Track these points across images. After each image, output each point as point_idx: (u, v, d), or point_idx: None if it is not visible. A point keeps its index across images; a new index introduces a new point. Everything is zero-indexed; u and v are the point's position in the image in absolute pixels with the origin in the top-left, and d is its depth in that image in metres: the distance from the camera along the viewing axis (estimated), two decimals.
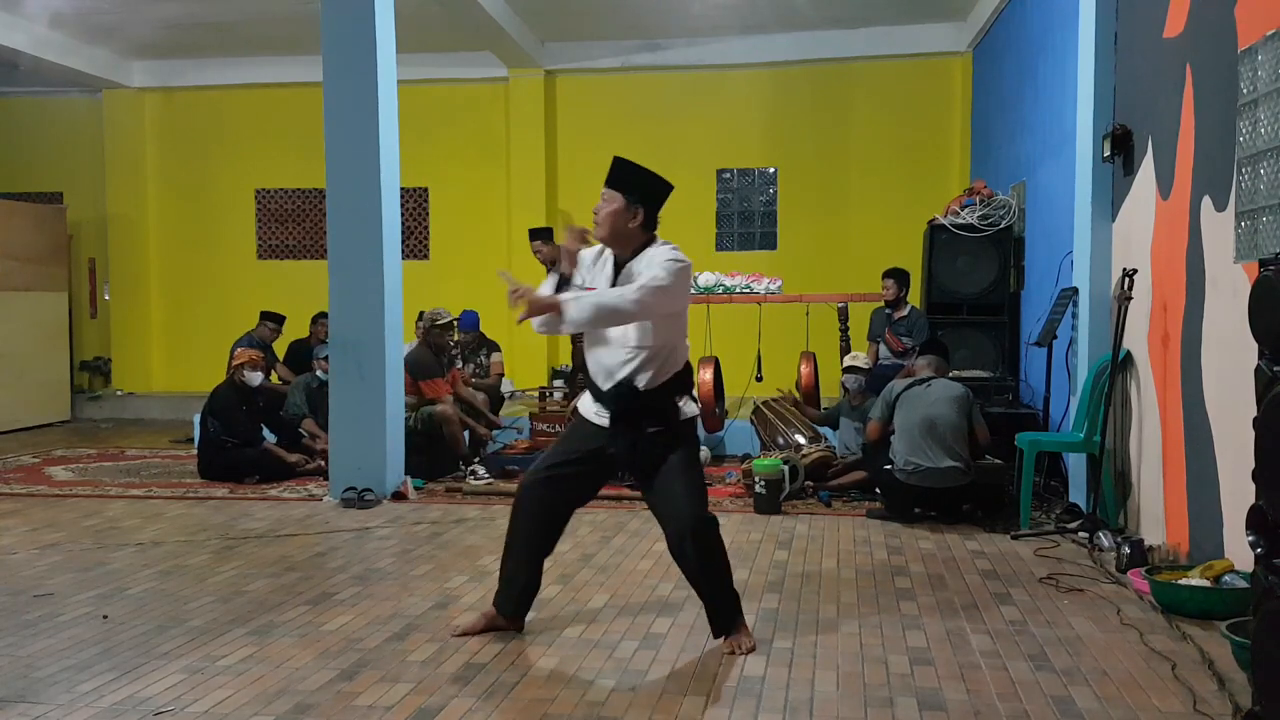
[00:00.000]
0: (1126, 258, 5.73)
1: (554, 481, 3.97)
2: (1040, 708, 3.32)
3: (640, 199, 3.78)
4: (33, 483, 7.65)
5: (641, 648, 3.91)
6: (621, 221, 3.78)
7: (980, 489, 6.11)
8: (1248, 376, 3.15)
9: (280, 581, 4.86)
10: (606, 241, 3.86)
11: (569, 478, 3.98)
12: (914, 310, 8.11)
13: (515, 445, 8.39)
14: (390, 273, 6.92)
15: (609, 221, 3.79)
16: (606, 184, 3.82)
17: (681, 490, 3.82)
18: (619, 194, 3.78)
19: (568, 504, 4.06)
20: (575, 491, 4.05)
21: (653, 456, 3.85)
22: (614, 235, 3.81)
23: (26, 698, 3.42)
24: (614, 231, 3.80)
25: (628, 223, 3.78)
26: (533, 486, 3.99)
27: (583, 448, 3.97)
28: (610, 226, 3.79)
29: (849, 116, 11.55)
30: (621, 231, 3.79)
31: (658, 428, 3.80)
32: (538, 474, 4.01)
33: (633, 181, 3.80)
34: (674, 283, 3.69)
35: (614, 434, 3.85)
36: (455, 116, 12.04)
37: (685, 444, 3.89)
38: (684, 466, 3.84)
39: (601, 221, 3.81)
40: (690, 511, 3.80)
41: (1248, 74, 4.17)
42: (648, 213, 3.79)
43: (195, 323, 12.60)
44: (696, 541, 3.81)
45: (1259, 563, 2.96)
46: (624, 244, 3.82)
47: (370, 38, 6.79)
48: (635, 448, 3.82)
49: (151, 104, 12.65)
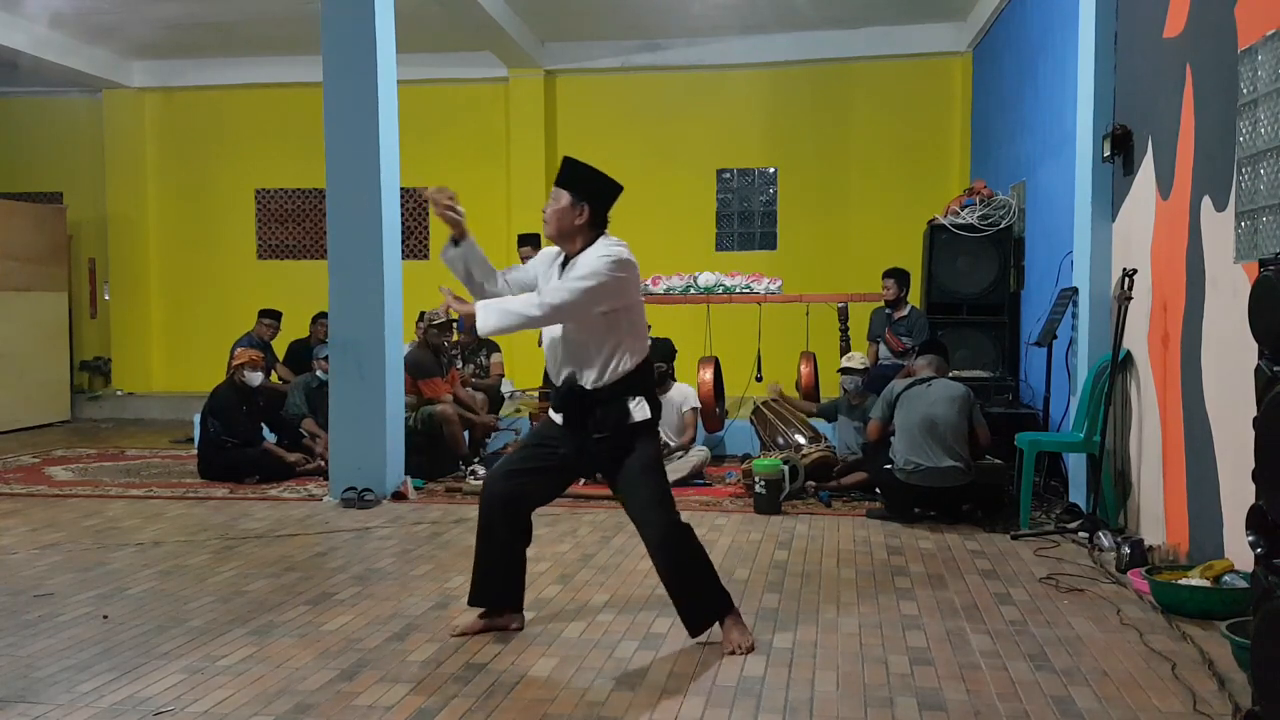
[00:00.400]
0: (1126, 258, 5.73)
1: (514, 476, 3.99)
2: (1040, 708, 3.32)
3: (585, 196, 3.81)
4: (33, 483, 7.65)
5: (641, 648, 3.91)
6: (568, 219, 3.81)
7: (980, 489, 6.11)
8: (1248, 376, 3.15)
9: (280, 581, 4.86)
10: (555, 239, 3.90)
11: (529, 472, 3.98)
12: (914, 310, 8.11)
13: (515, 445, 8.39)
14: (390, 273, 6.92)
15: (555, 219, 3.84)
16: (555, 183, 3.88)
17: (646, 497, 3.83)
18: (565, 192, 3.83)
19: (529, 500, 4.04)
20: (537, 488, 4.03)
21: (601, 460, 3.88)
22: (560, 233, 3.85)
23: (26, 698, 3.42)
24: (560, 229, 3.84)
25: (573, 220, 3.81)
26: (493, 482, 4.02)
27: (543, 446, 4.00)
28: (556, 224, 3.84)
29: (849, 116, 11.55)
30: (567, 229, 3.83)
31: (602, 434, 3.80)
32: (499, 470, 4.05)
33: (579, 180, 3.85)
34: (603, 280, 3.70)
35: (564, 434, 3.89)
36: (455, 116, 12.04)
37: (642, 446, 3.86)
38: (643, 471, 3.84)
39: (549, 219, 3.86)
40: (658, 519, 3.82)
41: (1248, 74, 4.17)
42: (593, 210, 3.82)
43: (195, 323, 12.60)
44: (666, 549, 3.84)
45: (1259, 563, 2.96)
46: (570, 241, 3.85)
47: (370, 38, 6.79)
48: (581, 451, 3.87)
49: (151, 104, 12.66)
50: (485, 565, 4.05)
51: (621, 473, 3.86)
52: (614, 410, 3.81)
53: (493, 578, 4.06)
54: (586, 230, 3.83)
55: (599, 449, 3.84)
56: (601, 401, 3.81)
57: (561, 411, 3.87)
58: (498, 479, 4.01)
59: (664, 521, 3.83)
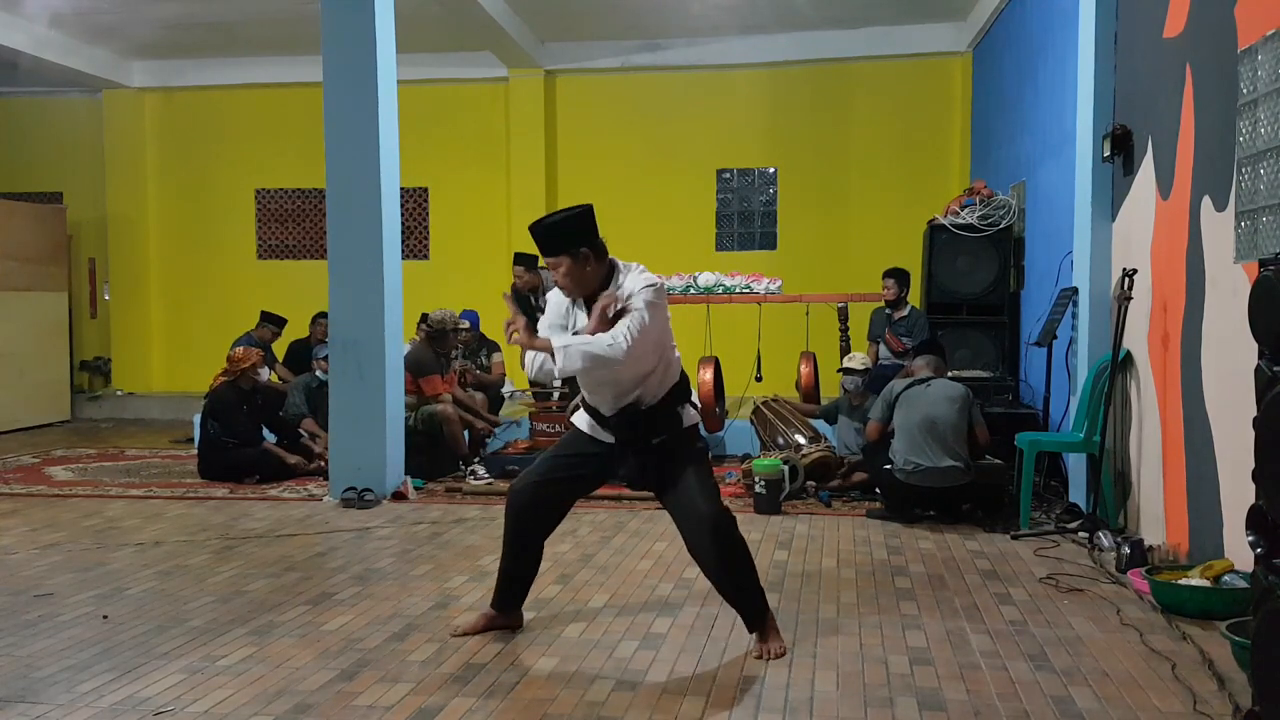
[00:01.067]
0: (1126, 258, 5.73)
1: (544, 486, 4.00)
2: (1040, 708, 3.32)
3: (578, 244, 3.76)
4: (33, 483, 7.65)
5: (641, 648, 3.91)
6: (581, 273, 3.78)
7: (980, 489, 6.11)
8: (1248, 376, 3.15)
9: (280, 581, 4.86)
10: (584, 296, 3.85)
11: (558, 483, 4.01)
12: (914, 310, 8.11)
13: (515, 445, 8.39)
14: (390, 273, 6.92)
15: (573, 283, 3.80)
16: (545, 255, 3.83)
17: (695, 489, 3.85)
18: (562, 257, 3.76)
19: (559, 509, 4.09)
20: (568, 496, 4.08)
21: (657, 463, 3.90)
22: (581, 286, 3.82)
23: (26, 698, 3.42)
24: (580, 284, 3.81)
25: (586, 270, 3.78)
26: (523, 492, 4.01)
27: (579, 460, 4.01)
28: (578, 285, 3.81)
29: (849, 116, 11.55)
30: (588, 280, 3.80)
31: (660, 437, 3.87)
32: (529, 481, 4.03)
33: (560, 239, 3.77)
34: (655, 313, 3.76)
35: (621, 454, 3.93)
36: (455, 116, 12.04)
37: (690, 446, 3.93)
38: (694, 467, 3.88)
39: (566, 286, 3.83)
40: (706, 509, 3.82)
41: (1248, 74, 4.17)
42: (593, 248, 3.79)
43: (195, 323, 12.60)
44: (715, 537, 3.82)
45: (1259, 563, 2.96)
46: (592, 286, 3.83)
47: (370, 38, 6.79)
48: (645, 468, 3.91)
49: (151, 104, 12.66)
50: (511, 571, 4.09)
51: (673, 469, 3.88)
52: (668, 418, 3.89)
53: (517, 583, 4.11)
54: (600, 268, 3.82)
55: (657, 453, 3.88)
56: (658, 414, 3.88)
57: (621, 432, 3.89)
58: (528, 488, 4.01)
59: (715, 510, 3.84)
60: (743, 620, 3.94)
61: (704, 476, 3.89)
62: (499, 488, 7.08)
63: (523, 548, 4.07)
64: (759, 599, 3.94)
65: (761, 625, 3.91)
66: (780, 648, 3.86)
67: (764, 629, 3.90)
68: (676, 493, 3.88)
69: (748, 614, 3.92)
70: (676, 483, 3.87)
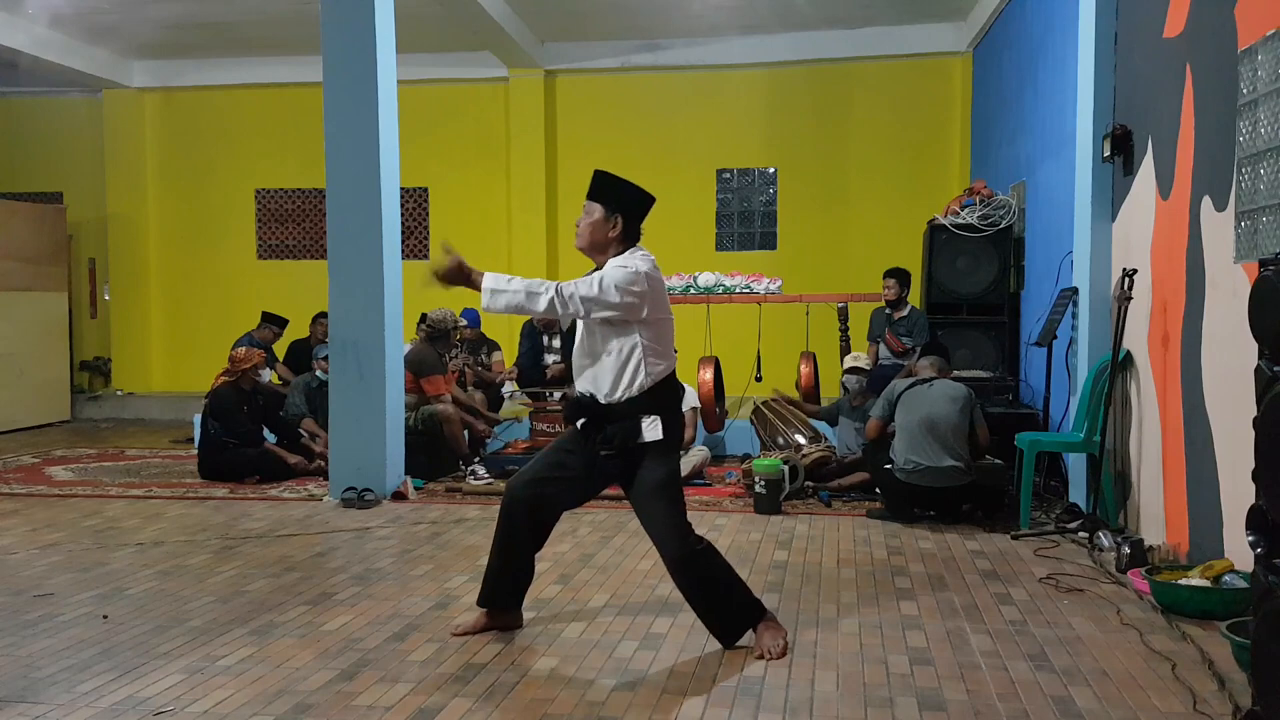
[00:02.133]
0: (1126, 258, 5.73)
1: (535, 484, 3.96)
2: (1040, 708, 3.32)
3: (619, 208, 3.79)
4: (33, 483, 7.65)
5: (641, 648, 3.91)
6: (601, 232, 3.80)
7: (980, 489, 6.11)
8: (1248, 376, 3.15)
9: (280, 581, 4.86)
10: (586, 252, 3.87)
11: (551, 481, 3.96)
12: (914, 310, 8.10)
13: (515, 445, 8.39)
14: (390, 273, 6.92)
15: (588, 232, 3.82)
16: (588, 196, 3.85)
17: (660, 519, 3.79)
18: (598, 205, 3.81)
19: (552, 507, 4.04)
20: (559, 495, 4.01)
21: (611, 477, 3.86)
22: (593, 245, 3.83)
23: (26, 698, 3.42)
24: (593, 241, 3.82)
25: (607, 233, 3.80)
26: (517, 488, 3.99)
27: (563, 452, 3.97)
28: (590, 236, 3.82)
29: (849, 116, 11.55)
30: (600, 241, 3.81)
31: (608, 452, 3.76)
32: (522, 477, 4.01)
33: (612, 192, 3.82)
34: (612, 293, 3.65)
35: (578, 446, 3.87)
36: (455, 116, 12.04)
37: (653, 467, 3.78)
38: (654, 494, 3.78)
39: (581, 233, 3.84)
40: (672, 545, 3.79)
41: (1248, 74, 4.17)
42: (627, 223, 3.80)
43: (195, 323, 12.60)
44: (680, 574, 3.83)
45: (1259, 563, 2.96)
46: (602, 253, 3.83)
47: (370, 38, 6.79)
48: (591, 466, 3.84)
49: (151, 104, 12.66)
50: (499, 568, 4.05)
51: (633, 493, 3.83)
52: (625, 428, 3.75)
53: (504, 580, 4.07)
54: (618, 243, 3.81)
55: (608, 466, 3.81)
56: (615, 418, 3.76)
57: (570, 423, 3.86)
58: (520, 485, 3.97)
59: (676, 551, 3.79)
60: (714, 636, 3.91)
61: (667, 503, 3.78)
62: (499, 488, 7.07)
63: (510, 543, 3.99)
64: (737, 621, 3.89)
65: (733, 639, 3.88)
66: (777, 647, 3.82)
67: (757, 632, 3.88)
68: (644, 514, 3.84)
69: (720, 633, 3.89)
70: (642, 502, 3.81)
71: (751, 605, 3.93)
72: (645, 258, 3.79)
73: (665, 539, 3.81)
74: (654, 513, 3.81)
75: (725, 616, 3.89)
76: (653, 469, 3.79)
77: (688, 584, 3.86)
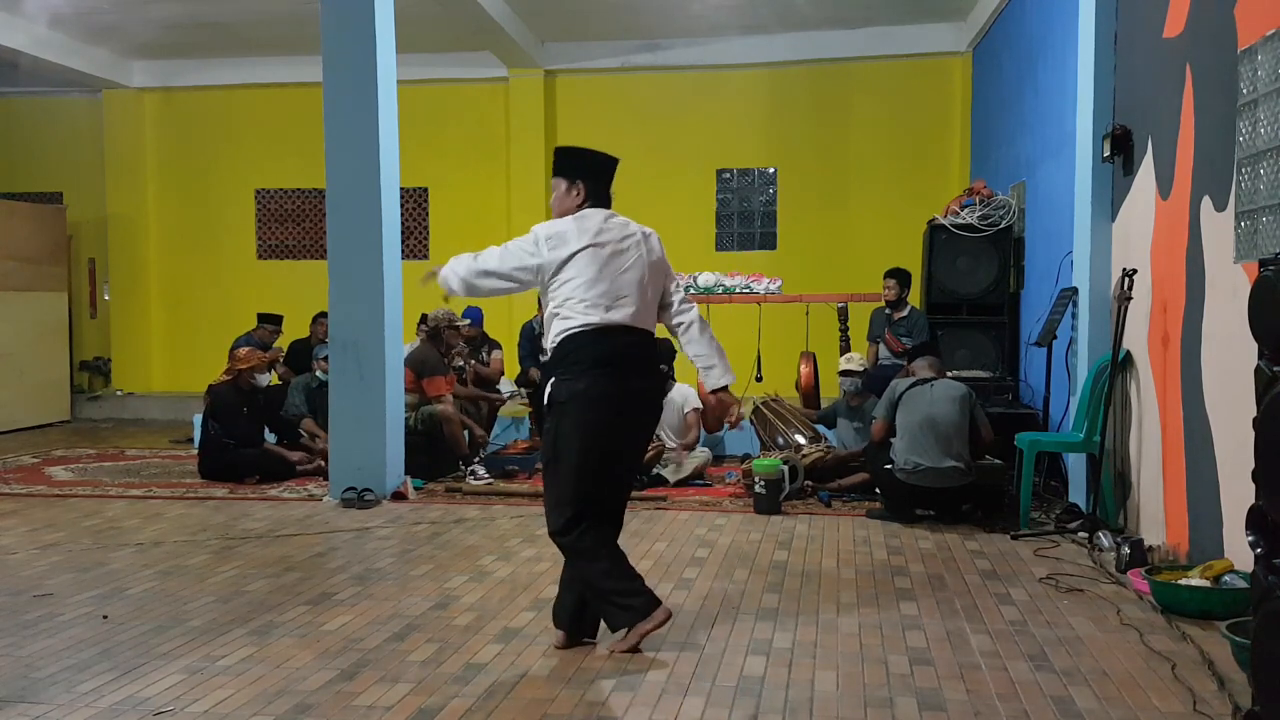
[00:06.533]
0: (1126, 258, 5.73)
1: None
2: (1040, 708, 3.32)
3: (579, 175, 3.87)
4: (33, 483, 7.65)
5: (641, 648, 3.90)
6: (567, 203, 3.87)
7: (980, 489, 6.11)
8: (1248, 376, 3.15)
9: (280, 581, 4.86)
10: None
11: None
12: (914, 311, 8.10)
13: (515, 445, 8.39)
14: (390, 273, 6.92)
15: (557, 206, 3.90)
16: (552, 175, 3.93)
17: (544, 490, 3.87)
18: (562, 179, 3.89)
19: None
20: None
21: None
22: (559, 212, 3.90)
23: (26, 698, 3.42)
24: (562, 214, 3.89)
25: (573, 202, 3.86)
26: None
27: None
28: (558, 209, 3.90)
29: (849, 116, 11.55)
30: (570, 210, 3.87)
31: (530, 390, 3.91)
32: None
33: (570, 163, 3.91)
34: (510, 249, 3.79)
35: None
36: (455, 116, 12.04)
37: (550, 431, 3.75)
38: (544, 462, 3.85)
39: (553, 209, 3.92)
40: (548, 521, 3.83)
41: (1248, 74, 4.17)
42: (589, 186, 3.87)
43: (195, 323, 12.60)
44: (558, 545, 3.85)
45: (1259, 563, 2.96)
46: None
47: (370, 38, 6.79)
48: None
49: (151, 104, 12.66)
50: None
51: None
52: (544, 383, 3.86)
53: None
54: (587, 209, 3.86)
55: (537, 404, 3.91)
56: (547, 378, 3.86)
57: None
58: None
59: (550, 528, 3.82)
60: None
61: (546, 480, 3.83)
62: (499, 488, 7.09)
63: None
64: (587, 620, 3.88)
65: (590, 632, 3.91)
66: (625, 645, 3.77)
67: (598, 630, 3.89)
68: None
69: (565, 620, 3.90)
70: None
71: (623, 609, 3.79)
72: (577, 219, 3.80)
73: (546, 512, 3.84)
74: (545, 480, 3.87)
75: (590, 600, 3.84)
76: (549, 432, 3.79)
77: (565, 554, 3.84)
